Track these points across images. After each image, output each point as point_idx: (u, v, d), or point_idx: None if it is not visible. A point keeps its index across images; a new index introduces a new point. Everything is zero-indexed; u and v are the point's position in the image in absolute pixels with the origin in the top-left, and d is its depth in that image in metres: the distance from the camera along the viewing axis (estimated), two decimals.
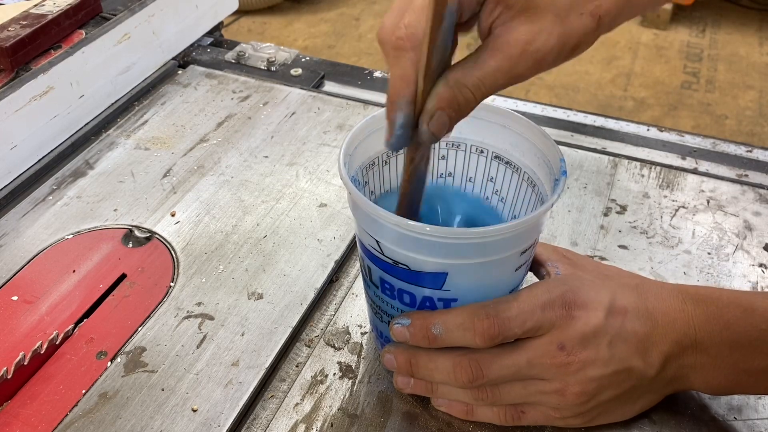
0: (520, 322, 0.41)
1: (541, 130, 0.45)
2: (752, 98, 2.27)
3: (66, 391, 0.48)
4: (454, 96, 0.37)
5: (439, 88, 0.37)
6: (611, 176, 0.66)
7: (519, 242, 0.41)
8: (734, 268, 0.58)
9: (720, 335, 0.43)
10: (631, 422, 0.46)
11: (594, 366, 0.42)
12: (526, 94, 2.23)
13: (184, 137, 0.71)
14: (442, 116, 0.37)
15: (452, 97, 0.37)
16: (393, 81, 0.38)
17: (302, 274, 0.56)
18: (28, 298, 0.54)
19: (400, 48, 0.37)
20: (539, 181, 0.46)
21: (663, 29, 2.63)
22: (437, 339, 0.43)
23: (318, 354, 0.51)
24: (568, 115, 0.78)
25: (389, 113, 0.39)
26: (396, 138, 0.39)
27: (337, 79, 0.84)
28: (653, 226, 0.61)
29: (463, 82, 0.37)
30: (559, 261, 0.47)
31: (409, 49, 0.37)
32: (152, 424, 0.46)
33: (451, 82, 0.37)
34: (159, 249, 0.59)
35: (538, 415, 0.45)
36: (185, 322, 0.53)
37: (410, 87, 0.38)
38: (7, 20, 0.70)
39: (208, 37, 0.89)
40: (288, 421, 0.47)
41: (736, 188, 0.65)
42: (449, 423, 0.47)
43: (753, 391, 0.46)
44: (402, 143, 0.40)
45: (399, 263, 0.42)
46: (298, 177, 0.66)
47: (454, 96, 0.37)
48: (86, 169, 0.68)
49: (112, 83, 0.75)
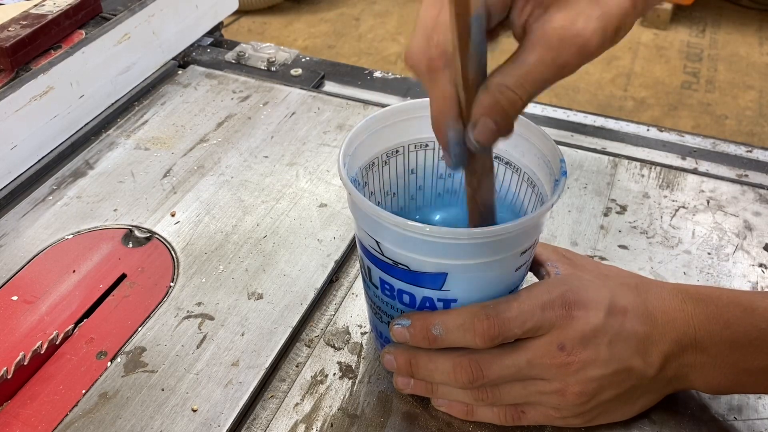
0: (520, 323, 0.41)
1: (541, 130, 0.45)
2: (752, 98, 2.27)
3: (66, 391, 0.48)
4: (496, 99, 0.35)
5: (481, 95, 0.36)
6: (611, 176, 0.66)
7: (519, 242, 0.41)
8: (734, 268, 0.58)
9: (720, 335, 0.43)
10: (631, 422, 0.46)
11: (594, 366, 0.42)
12: None
13: (184, 137, 0.71)
14: (487, 122, 0.36)
15: (494, 101, 0.35)
16: (434, 102, 0.37)
17: (302, 274, 0.56)
18: (28, 298, 0.54)
19: (435, 69, 0.36)
20: (539, 181, 0.46)
21: (663, 29, 2.63)
22: (437, 340, 0.43)
23: (318, 354, 0.51)
24: (568, 115, 0.78)
25: (439, 136, 0.38)
26: (456, 157, 0.38)
27: (337, 79, 0.84)
28: (653, 226, 0.61)
29: (504, 83, 0.35)
30: (558, 261, 0.47)
31: (444, 67, 0.36)
32: (152, 424, 0.46)
33: (491, 86, 0.35)
34: (159, 249, 0.59)
35: (538, 415, 0.45)
36: (185, 322, 0.53)
37: (454, 104, 0.36)
38: (7, 20, 0.70)
39: (208, 37, 0.89)
40: (288, 421, 0.47)
41: (736, 188, 0.65)
42: (449, 423, 0.47)
43: (753, 390, 0.46)
44: (463, 160, 0.38)
45: (399, 264, 0.42)
46: (298, 177, 0.66)
47: (496, 99, 0.35)
48: (86, 169, 0.68)
49: (112, 83, 0.75)
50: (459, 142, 0.37)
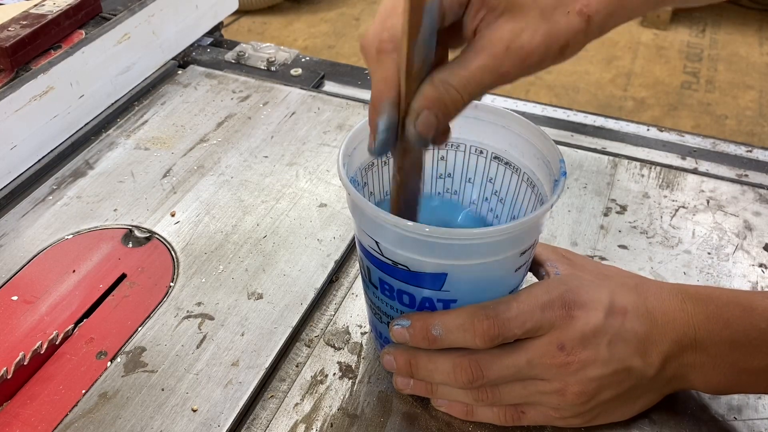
0: (519, 323, 0.41)
1: (541, 130, 0.45)
2: (752, 98, 2.27)
3: (66, 391, 0.48)
4: (441, 95, 0.36)
5: (425, 87, 0.36)
6: (611, 176, 0.66)
7: (518, 243, 0.41)
8: (734, 268, 0.58)
9: (720, 334, 0.43)
10: (631, 422, 0.46)
11: (594, 366, 0.42)
12: (526, 94, 2.23)
13: (184, 137, 0.71)
14: (429, 115, 0.37)
15: (438, 96, 0.36)
16: (375, 84, 0.37)
17: (302, 274, 0.56)
18: (28, 298, 0.54)
19: (383, 51, 0.37)
20: (539, 181, 0.46)
21: (663, 29, 2.63)
22: (437, 340, 0.43)
23: (318, 354, 0.51)
24: (568, 115, 0.78)
25: (372, 117, 0.38)
26: (380, 143, 0.38)
27: (337, 79, 0.84)
28: (653, 226, 0.61)
29: (449, 81, 0.36)
30: (558, 261, 0.47)
31: (392, 51, 0.37)
32: (152, 424, 0.46)
33: (436, 81, 0.36)
34: (159, 249, 0.59)
35: (538, 415, 0.45)
36: (185, 322, 0.53)
37: (393, 89, 0.37)
38: (7, 20, 0.70)
39: (208, 37, 0.89)
40: (288, 421, 0.47)
41: (736, 188, 0.65)
42: (449, 423, 0.47)
43: (752, 390, 0.46)
44: (386, 148, 0.39)
45: (398, 264, 0.42)
46: (298, 177, 0.66)
47: (441, 95, 0.36)
48: (86, 169, 0.68)
49: (112, 83, 0.75)
50: (388, 129, 0.38)
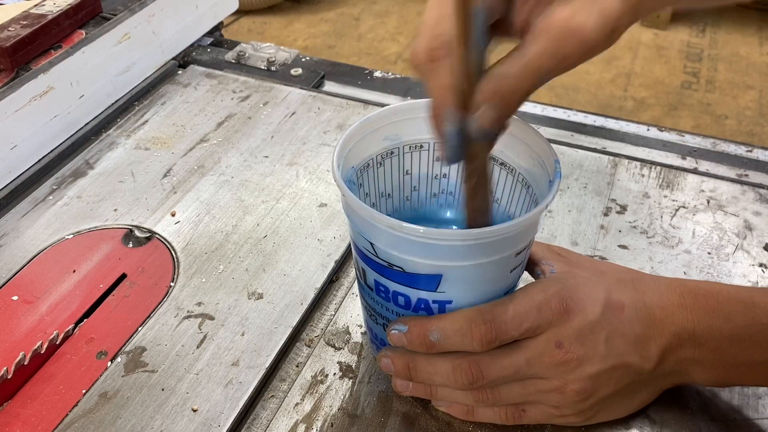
0: (516, 325, 0.41)
1: (536, 131, 0.45)
2: (752, 98, 2.27)
3: (66, 391, 0.48)
4: (498, 87, 0.35)
5: (482, 82, 0.36)
6: (611, 176, 0.66)
7: (514, 244, 0.41)
8: (734, 268, 0.58)
9: (720, 328, 0.43)
10: (631, 422, 0.46)
11: (591, 362, 0.42)
12: None
13: (184, 137, 0.71)
14: (489, 108, 0.36)
15: (497, 87, 0.35)
16: (434, 92, 0.37)
17: (302, 274, 0.56)
18: (28, 298, 0.54)
19: (435, 58, 0.36)
20: (534, 182, 0.46)
21: (663, 29, 2.63)
22: (435, 345, 0.43)
23: (318, 354, 0.51)
24: (568, 115, 0.78)
25: (437, 126, 0.37)
26: (451, 149, 0.38)
27: (337, 79, 0.84)
28: (653, 225, 0.61)
29: (507, 72, 0.35)
30: (553, 259, 0.47)
31: (444, 57, 0.36)
32: (152, 424, 0.46)
33: (493, 75, 0.36)
34: (159, 249, 0.59)
35: (539, 413, 0.45)
36: (185, 322, 0.53)
37: (453, 94, 0.36)
38: (7, 20, 0.70)
39: (208, 37, 0.89)
40: (288, 421, 0.47)
41: (736, 188, 0.65)
42: (449, 423, 0.47)
43: (751, 383, 0.46)
44: (458, 153, 0.38)
45: (393, 265, 0.42)
46: (298, 177, 0.66)
47: (498, 87, 0.35)
48: (86, 169, 0.68)
49: (112, 83, 0.75)
50: (457, 134, 0.37)
